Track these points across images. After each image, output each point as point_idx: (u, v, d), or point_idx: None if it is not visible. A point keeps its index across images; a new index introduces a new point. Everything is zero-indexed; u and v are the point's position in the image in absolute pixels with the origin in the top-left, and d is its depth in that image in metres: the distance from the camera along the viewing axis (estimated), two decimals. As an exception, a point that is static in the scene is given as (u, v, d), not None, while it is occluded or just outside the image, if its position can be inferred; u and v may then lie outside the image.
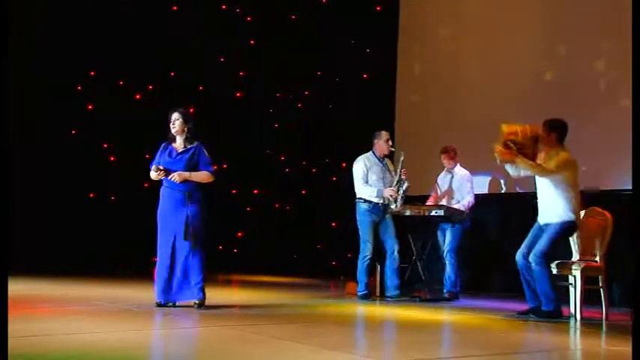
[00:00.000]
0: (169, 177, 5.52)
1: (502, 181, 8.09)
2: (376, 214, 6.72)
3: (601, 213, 6.01)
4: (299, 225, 10.84)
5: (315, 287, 8.34)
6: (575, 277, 5.77)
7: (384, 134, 6.88)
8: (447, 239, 7.14)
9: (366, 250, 6.68)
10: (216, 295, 5.52)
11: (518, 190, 7.99)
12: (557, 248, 5.81)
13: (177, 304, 5.48)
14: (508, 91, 8.32)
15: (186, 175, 5.52)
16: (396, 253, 6.66)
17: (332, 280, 8.96)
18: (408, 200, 6.95)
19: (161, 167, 5.54)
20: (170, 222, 5.53)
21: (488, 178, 8.19)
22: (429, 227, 7.06)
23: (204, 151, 5.64)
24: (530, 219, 5.95)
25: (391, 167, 6.99)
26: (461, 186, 7.27)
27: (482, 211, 8.09)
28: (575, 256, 6.06)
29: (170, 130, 5.66)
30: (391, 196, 6.67)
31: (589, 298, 5.87)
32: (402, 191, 6.69)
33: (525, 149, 5.63)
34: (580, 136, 7.11)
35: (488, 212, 8.20)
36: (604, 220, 5.96)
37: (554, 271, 5.75)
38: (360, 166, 6.83)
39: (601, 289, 5.87)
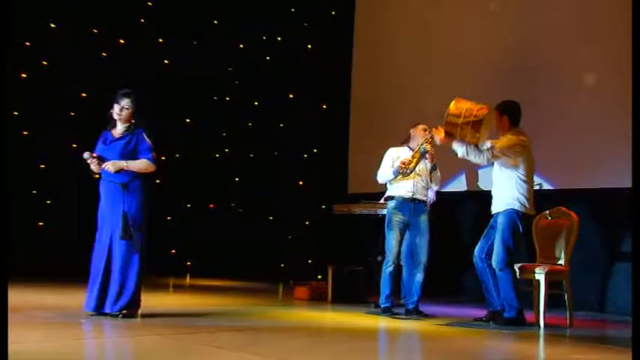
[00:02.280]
0: (103, 166, 4.94)
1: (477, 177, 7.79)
2: (404, 213, 5.98)
3: (566, 213, 5.75)
4: (246, 226, 10.46)
5: (263, 292, 8.09)
6: (538, 281, 5.50)
7: (421, 125, 6.20)
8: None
9: (389, 256, 5.97)
10: (153, 301, 5.05)
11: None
12: (519, 249, 5.50)
13: (111, 313, 4.86)
14: (474, 87, 8.01)
15: (122, 164, 4.95)
16: (422, 265, 5.91)
17: (281, 284, 8.71)
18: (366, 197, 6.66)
19: (94, 154, 4.95)
20: (107, 220, 4.97)
21: (463, 176, 7.91)
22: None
23: (145, 136, 5.03)
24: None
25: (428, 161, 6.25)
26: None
27: (459, 208, 7.97)
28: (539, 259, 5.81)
29: (112, 115, 5.03)
30: (403, 163, 5.92)
31: (553, 302, 5.64)
32: (421, 150, 5.91)
33: (465, 134, 5.23)
34: (547, 138, 6.94)
35: (464, 210, 8.00)
36: (569, 220, 5.70)
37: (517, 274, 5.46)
38: (388, 155, 6.18)
39: (565, 294, 5.62)
